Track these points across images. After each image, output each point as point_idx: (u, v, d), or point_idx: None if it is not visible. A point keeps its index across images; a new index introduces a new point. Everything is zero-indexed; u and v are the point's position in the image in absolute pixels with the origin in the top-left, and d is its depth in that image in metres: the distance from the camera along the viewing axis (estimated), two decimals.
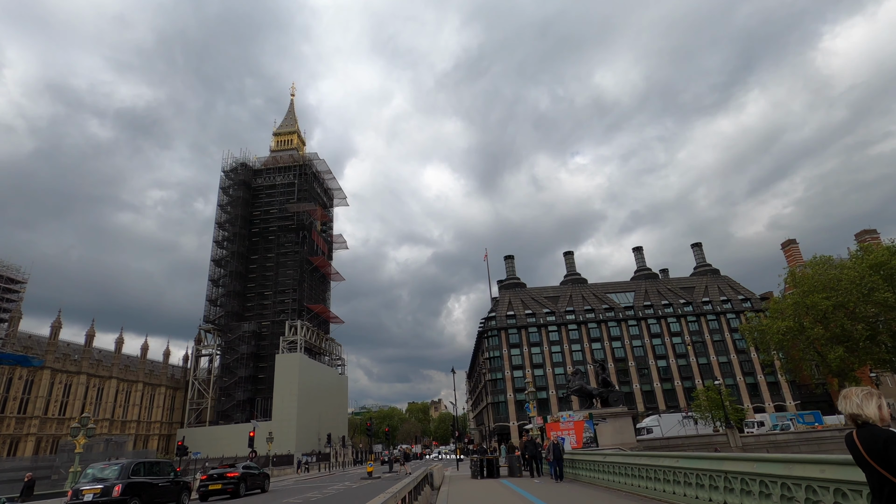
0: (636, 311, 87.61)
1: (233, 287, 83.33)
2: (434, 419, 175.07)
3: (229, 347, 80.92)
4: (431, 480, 17.31)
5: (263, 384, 79.28)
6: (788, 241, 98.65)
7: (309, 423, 75.90)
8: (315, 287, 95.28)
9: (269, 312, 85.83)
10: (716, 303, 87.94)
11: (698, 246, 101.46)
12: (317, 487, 25.68)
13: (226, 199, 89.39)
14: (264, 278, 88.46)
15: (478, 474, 22.82)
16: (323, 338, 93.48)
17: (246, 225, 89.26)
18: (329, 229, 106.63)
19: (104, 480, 14.41)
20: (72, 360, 61.50)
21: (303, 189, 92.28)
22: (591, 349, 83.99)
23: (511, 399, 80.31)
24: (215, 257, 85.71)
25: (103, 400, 65.14)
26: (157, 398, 75.33)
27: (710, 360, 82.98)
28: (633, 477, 13.62)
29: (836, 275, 43.74)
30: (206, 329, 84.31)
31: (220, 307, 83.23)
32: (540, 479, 19.59)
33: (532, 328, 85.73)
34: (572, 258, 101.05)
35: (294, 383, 73.73)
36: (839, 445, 39.13)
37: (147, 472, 15.89)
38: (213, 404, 79.46)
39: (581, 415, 28.54)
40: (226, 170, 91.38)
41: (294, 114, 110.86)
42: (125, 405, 68.73)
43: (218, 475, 21.09)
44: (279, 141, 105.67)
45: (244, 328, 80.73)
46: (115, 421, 66.33)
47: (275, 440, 66.94)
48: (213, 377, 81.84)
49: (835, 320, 42.28)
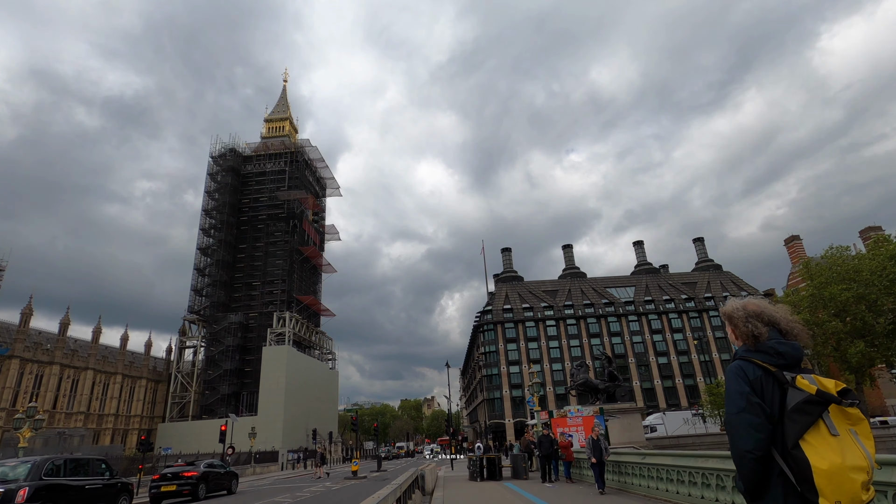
0: (636, 307, 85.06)
1: (219, 277, 79.94)
2: (427, 416, 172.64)
3: (215, 339, 77.58)
4: (423, 484, 14.37)
5: (250, 378, 76.08)
6: (792, 238, 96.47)
7: (297, 418, 72.84)
8: (305, 278, 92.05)
9: (257, 303, 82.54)
10: (718, 298, 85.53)
11: (700, 241, 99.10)
12: (293, 488, 22.72)
13: (213, 185, 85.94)
14: (252, 268, 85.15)
15: (477, 476, 19.86)
16: (313, 331, 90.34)
17: (234, 213, 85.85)
18: (321, 219, 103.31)
19: (7, 482, 11.36)
20: (44, 349, 58.06)
21: (294, 177, 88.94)
22: (589, 345, 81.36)
23: (507, 395, 77.58)
24: (201, 245, 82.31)
25: (78, 392, 61.76)
26: (137, 391, 71.99)
27: (711, 357, 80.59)
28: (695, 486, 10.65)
29: (856, 265, 41.23)
30: (191, 320, 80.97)
31: (205, 297, 79.85)
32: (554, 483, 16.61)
33: (529, 322, 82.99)
34: (571, 252, 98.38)
35: (281, 377, 70.64)
36: None
37: (70, 471, 12.85)
38: (196, 398, 76.17)
39: (591, 409, 25.67)
40: (214, 155, 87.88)
41: (286, 100, 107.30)
42: (102, 398, 65.36)
43: (173, 474, 18.02)
44: (270, 128, 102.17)
45: (230, 319, 77.39)
46: (90, 414, 62.99)
47: (261, 436, 63.85)
48: (198, 370, 78.53)
49: (855, 313, 39.73)
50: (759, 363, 2.17)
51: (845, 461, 1.85)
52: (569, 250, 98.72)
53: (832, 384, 2.01)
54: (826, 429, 1.93)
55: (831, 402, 1.95)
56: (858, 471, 1.84)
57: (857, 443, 1.92)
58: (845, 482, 1.82)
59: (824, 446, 1.89)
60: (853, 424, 1.96)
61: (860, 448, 1.91)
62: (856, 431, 1.95)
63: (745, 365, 2.19)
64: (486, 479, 19.78)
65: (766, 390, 2.10)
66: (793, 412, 1.98)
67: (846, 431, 1.94)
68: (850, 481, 1.82)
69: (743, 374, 2.16)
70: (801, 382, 2.02)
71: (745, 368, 2.18)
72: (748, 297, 2.64)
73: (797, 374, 2.07)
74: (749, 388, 2.11)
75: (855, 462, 1.86)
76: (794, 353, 2.17)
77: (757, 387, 2.11)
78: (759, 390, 2.10)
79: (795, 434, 1.94)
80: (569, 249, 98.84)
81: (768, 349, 2.19)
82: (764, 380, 2.12)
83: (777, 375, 2.11)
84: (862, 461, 1.87)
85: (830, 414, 1.96)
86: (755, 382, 2.12)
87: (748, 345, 2.29)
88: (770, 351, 2.18)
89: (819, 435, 1.92)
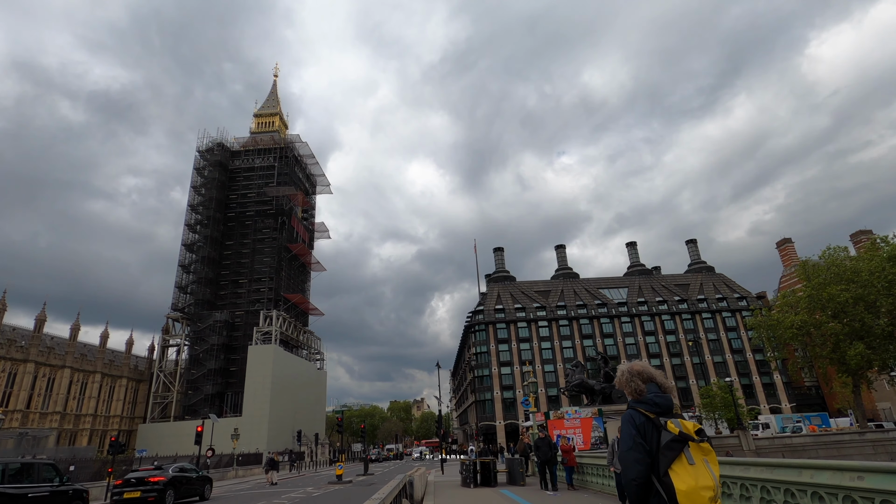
0: (629, 308, 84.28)
1: (205, 274, 77.81)
2: (416, 418, 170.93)
3: (199, 338, 75.40)
4: (411, 491, 12.99)
5: (235, 377, 74.05)
6: (784, 241, 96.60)
7: (283, 419, 70.93)
8: (294, 276, 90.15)
9: (244, 301, 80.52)
10: (711, 300, 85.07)
11: (693, 243, 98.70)
12: (271, 495, 21.19)
13: (200, 180, 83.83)
14: (239, 265, 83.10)
15: (470, 482, 18.45)
16: (301, 330, 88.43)
17: (221, 208, 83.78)
18: (311, 217, 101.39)
19: None
20: (18, 346, 55.76)
21: (283, 172, 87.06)
22: (582, 346, 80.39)
23: (498, 397, 76.32)
24: (186, 241, 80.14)
25: (54, 391, 59.44)
26: (117, 391, 69.68)
27: (704, 359, 80.00)
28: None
29: (855, 266, 40.59)
30: (175, 318, 78.75)
31: (190, 295, 77.67)
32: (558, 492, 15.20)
33: (521, 323, 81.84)
34: (564, 252, 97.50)
35: (267, 377, 68.72)
36: (859, 450, 35.81)
37: (10, 478, 11.29)
38: (179, 398, 73.92)
39: (589, 411, 24.43)
40: (201, 149, 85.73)
41: (277, 95, 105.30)
42: (80, 398, 63.04)
43: (137, 480, 16.37)
44: (260, 123, 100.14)
45: (215, 317, 75.29)
46: (67, 414, 60.69)
47: (245, 437, 61.93)
48: (181, 369, 76.29)
49: (854, 314, 39.04)
50: (642, 412, 2.82)
51: (698, 483, 2.54)
52: (561, 250, 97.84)
53: (691, 426, 2.71)
54: (686, 459, 2.61)
55: (689, 440, 2.63)
56: (707, 489, 2.54)
57: (707, 469, 2.61)
58: (698, 499, 2.51)
59: (684, 473, 2.57)
60: (705, 455, 2.65)
61: (709, 472, 2.60)
62: (707, 460, 2.64)
63: (634, 413, 2.85)
64: (479, 485, 18.41)
65: (648, 432, 2.74)
66: (664, 448, 2.65)
67: (700, 461, 2.63)
68: (701, 497, 2.51)
69: (632, 421, 2.81)
70: (670, 426, 2.68)
71: (633, 416, 2.83)
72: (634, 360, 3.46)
73: (668, 420, 2.72)
74: (636, 432, 2.76)
75: (705, 483, 2.55)
76: (667, 403, 2.85)
77: (641, 430, 2.76)
78: (643, 433, 2.75)
79: (665, 465, 2.62)
80: (561, 250, 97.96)
81: (648, 401, 2.85)
82: (646, 424, 2.77)
83: (654, 421, 2.76)
84: (710, 482, 2.57)
85: (690, 448, 2.64)
86: (640, 427, 2.77)
87: (634, 398, 2.95)
88: (650, 402, 2.84)
89: (681, 464, 2.60)
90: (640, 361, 3.16)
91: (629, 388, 2.99)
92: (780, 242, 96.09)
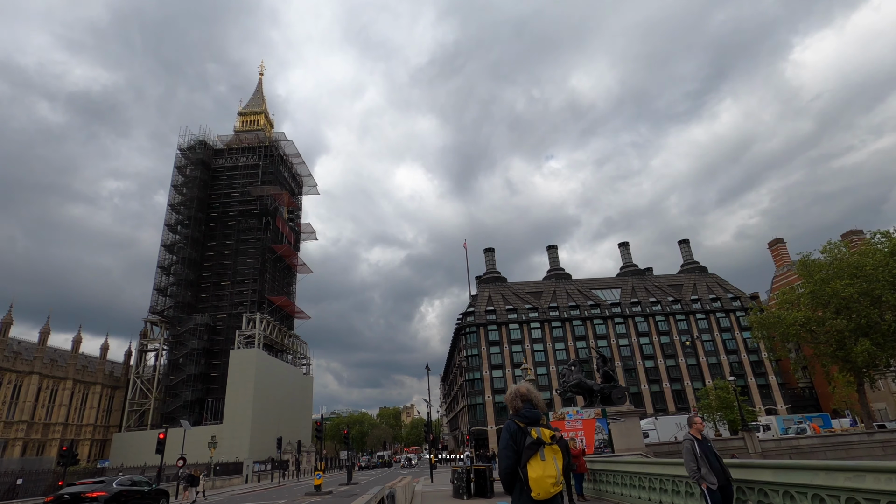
0: (623, 309, 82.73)
1: (185, 275, 74.78)
2: (406, 425, 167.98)
3: (178, 342, 72.27)
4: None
5: (216, 383, 70.95)
6: (776, 241, 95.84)
7: (266, 427, 67.90)
8: (279, 279, 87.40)
9: (226, 304, 77.54)
10: (705, 301, 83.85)
11: (685, 243, 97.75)
12: None
13: (181, 179, 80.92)
14: (222, 267, 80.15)
15: (463, 492, 16.27)
16: (286, 334, 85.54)
17: (203, 208, 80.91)
18: (297, 218, 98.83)
19: None
20: None
21: (268, 171, 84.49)
22: (575, 347, 78.57)
23: (489, 401, 74.10)
24: (166, 242, 77.13)
25: (20, 399, 56.15)
26: (90, 398, 66.33)
27: (699, 360, 78.61)
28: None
29: (858, 260, 39.20)
30: (153, 322, 75.59)
31: (169, 297, 74.54)
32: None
33: (513, 324, 79.85)
34: (556, 253, 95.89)
35: (250, 382, 65.83)
36: (869, 451, 34.19)
37: None
38: (156, 405, 70.62)
39: (591, 412, 22.41)
40: (182, 148, 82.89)
41: (262, 93, 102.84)
42: (49, 405, 59.73)
43: (72, 496, 14.00)
44: (244, 121, 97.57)
45: (196, 320, 72.18)
46: (34, 423, 57.40)
47: (226, 446, 59.03)
48: (159, 375, 73.04)
49: (859, 310, 37.62)
50: (517, 422, 3.82)
51: (545, 472, 3.59)
52: (553, 251, 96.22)
53: (548, 433, 3.75)
54: (539, 456, 3.64)
55: (543, 444, 3.67)
56: (551, 477, 3.59)
57: (554, 463, 3.66)
58: (543, 483, 3.56)
59: (536, 465, 3.61)
60: (554, 454, 3.71)
61: (555, 466, 3.65)
62: (555, 458, 3.70)
63: (511, 423, 3.84)
64: (473, 495, 16.25)
65: (518, 438, 3.74)
66: (526, 448, 3.67)
67: (550, 458, 3.67)
68: (545, 483, 3.56)
69: (509, 428, 3.82)
70: (532, 433, 3.70)
71: (510, 425, 3.83)
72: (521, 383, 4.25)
73: (533, 428, 3.73)
74: (510, 437, 3.77)
75: (550, 473, 3.60)
76: (534, 416, 3.84)
77: (514, 435, 3.76)
78: (515, 437, 3.75)
79: (525, 460, 3.64)
80: (553, 250, 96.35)
81: (522, 415, 3.85)
82: (518, 432, 3.76)
83: (524, 429, 3.76)
84: (553, 472, 3.62)
85: (545, 448, 3.67)
86: (514, 433, 3.77)
87: (513, 412, 3.95)
88: (522, 416, 3.85)
89: (536, 460, 3.63)
90: (526, 384, 4.10)
91: (512, 405, 3.98)
92: (772, 243, 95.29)
